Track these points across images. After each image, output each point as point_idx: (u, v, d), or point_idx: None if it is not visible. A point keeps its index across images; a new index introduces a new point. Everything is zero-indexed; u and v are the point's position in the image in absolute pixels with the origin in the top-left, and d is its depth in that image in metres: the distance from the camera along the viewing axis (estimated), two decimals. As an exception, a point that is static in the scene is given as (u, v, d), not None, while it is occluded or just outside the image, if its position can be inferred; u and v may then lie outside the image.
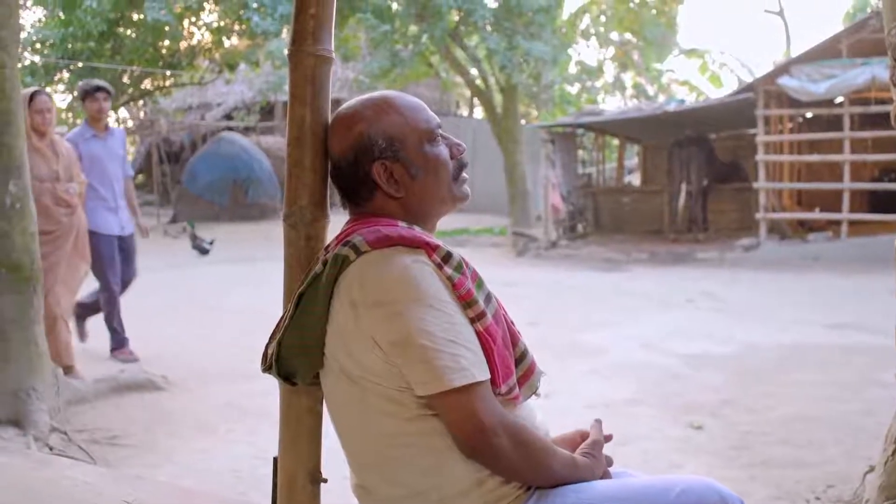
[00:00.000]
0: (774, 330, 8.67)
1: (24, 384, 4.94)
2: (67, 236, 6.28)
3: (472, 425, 1.72)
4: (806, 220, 16.81)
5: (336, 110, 2.02)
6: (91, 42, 19.85)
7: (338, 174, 1.99)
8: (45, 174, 6.09)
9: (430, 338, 1.72)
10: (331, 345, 1.85)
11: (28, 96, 5.60)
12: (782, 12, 34.25)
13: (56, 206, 6.17)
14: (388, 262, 1.78)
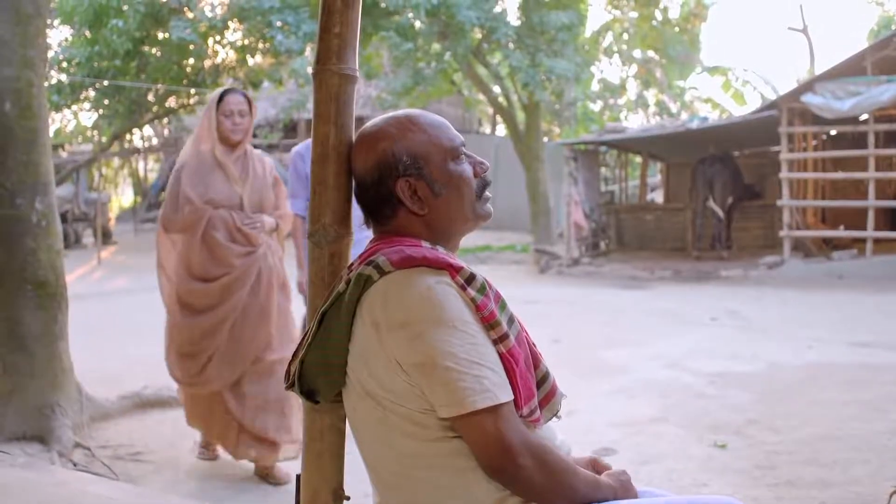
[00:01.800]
0: (799, 348, 8.60)
1: (48, 400, 4.98)
2: (241, 284, 4.72)
3: (495, 447, 1.72)
4: (830, 238, 16.69)
5: (360, 128, 2.03)
6: (117, 61, 20.02)
7: (362, 192, 1.99)
8: (223, 198, 4.72)
9: (453, 359, 1.72)
10: (353, 364, 1.85)
11: (217, 96, 4.76)
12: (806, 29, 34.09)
13: (230, 242, 4.70)
14: (412, 283, 1.78)
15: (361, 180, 1.98)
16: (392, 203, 1.94)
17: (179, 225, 4.70)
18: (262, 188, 4.88)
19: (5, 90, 4.94)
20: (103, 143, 24.40)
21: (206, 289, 4.71)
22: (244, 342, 4.71)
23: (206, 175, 4.71)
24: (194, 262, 4.71)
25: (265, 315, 4.78)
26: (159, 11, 19.39)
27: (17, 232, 4.97)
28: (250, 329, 4.73)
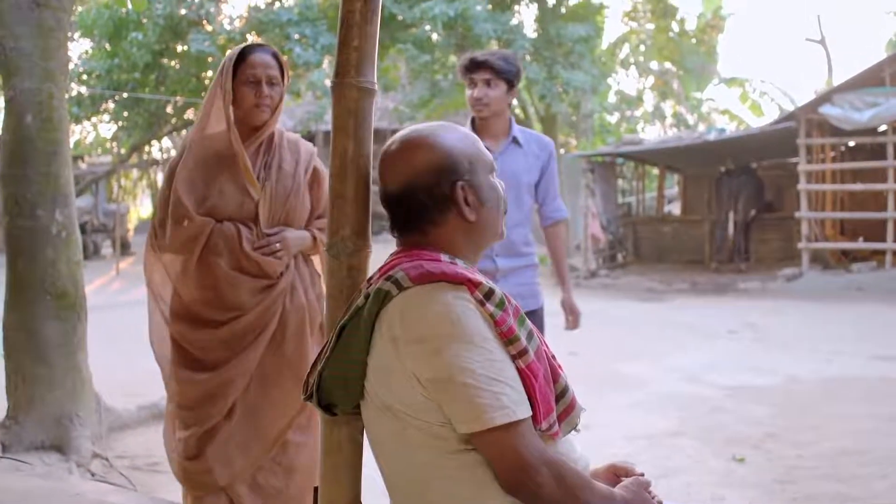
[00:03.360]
0: (818, 361, 8.55)
1: (67, 410, 5.00)
2: (256, 333, 3.32)
3: (513, 463, 1.72)
4: (849, 250, 16.59)
5: (403, 134, 2.01)
6: (136, 73, 20.19)
7: (409, 196, 1.93)
8: (230, 205, 3.30)
9: (472, 375, 1.71)
10: (371, 378, 1.85)
11: (234, 56, 3.30)
12: (824, 41, 33.98)
13: (239, 270, 3.29)
14: (430, 299, 1.78)
15: (412, 183, 1.92)
16: (443, 208, 1.92)
17: (169, 244, 3.33)
18: (291, 190, 3.40)
19: (27, 102, 4.98)
20: (122, 154, 24.57)
21: (207, 337, 3.34)
22: (263, 417, 3.33)
23: (210, 172, 3.31)
24: (190, 298, 3.35)
25: (293, 376, 3.32)
26: (178, 24, 19.54)
27: (37, 243, 5.00)
28: (272, 397, 3.34)
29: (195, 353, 3.35)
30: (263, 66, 3.30)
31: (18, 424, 4.91)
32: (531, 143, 4.30)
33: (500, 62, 4.10)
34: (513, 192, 3.91)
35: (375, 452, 1.94)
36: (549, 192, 4.33)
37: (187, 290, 3.35)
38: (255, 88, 3.28)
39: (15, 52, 4.98)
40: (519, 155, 4.21)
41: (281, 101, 3.38)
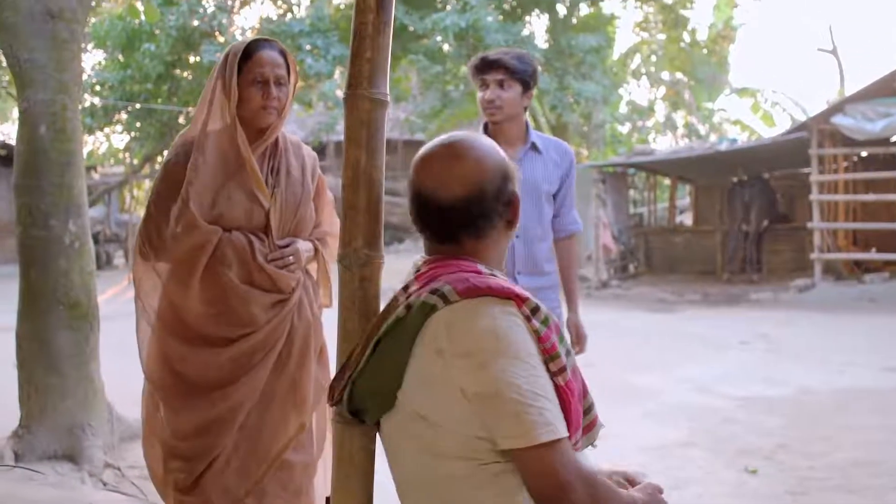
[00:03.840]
0: (830, 372, 8.52)
1: (79, 420, 5.01)
2: (265, 352, 3.10)
3: (552, 481, 1.71)
4: (862, 261, 16.54)
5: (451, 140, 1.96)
6: (149, 84, 20.29)
7: (468, 204, 1.89)
8: (240, 215, 3.08)
9: (518, 391, 1.71)
10: (408, 389, 1.83)
11: (239, 51, 3.06)
12: (835, 51, 33.97)
13: (250, 284, 3.07)
14: (478, 313, 1.77)
15: (475, 191, 1.89)
16: (498, 215, 1.91)
17: (168, 252, 3.07)
18: (301, 199, 3.22)
19: (41, 114, 5.01)
20: (135, 165, 24.67)
21: (210, 358, 3.07)
22: (264, 437, 3.11)
23: (216, 177, 3.06)
24: (192, 315, 3.07)
25: (297, 395, 3.16)
26: (191, 36, 19.64)
27: (50, 253, 5.02)
28: (274, 417, 3.13)
29: (192, 376, 3.07)
30: (272, 65, 3.07)
31: (31, 434, 4.92)
32: (550, 149, 3.97)
33: (514, 61, 3.78)
34: (532, 203, 3.75)
35: (395, 462, 1.93)
36: (566, 202, 4.03)
37: (189, 304, 3.06)
38: (262, 89, 3.05)
39: (29, 64, 5.01)
40: (538, 162, 3.90)
41: (288, 102, 3.15)
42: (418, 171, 1.94)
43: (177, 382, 3.08)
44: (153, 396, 3.18)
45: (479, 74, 3.82)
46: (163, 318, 3.13)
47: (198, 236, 2.98)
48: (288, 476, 3.14)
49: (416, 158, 1.95)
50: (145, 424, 3.25)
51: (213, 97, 3.08)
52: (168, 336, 3.10)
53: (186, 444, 3.06)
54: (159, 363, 3.12)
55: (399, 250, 26.67)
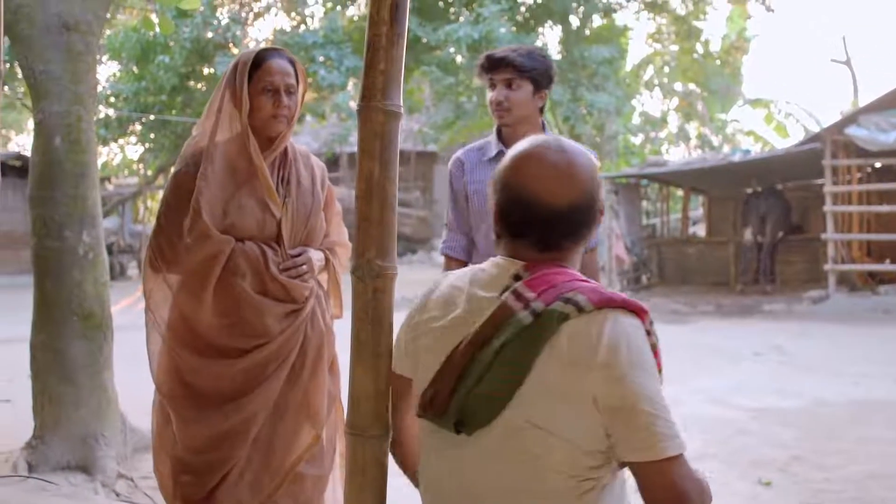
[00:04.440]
0: (845, 384, 8.48)
1: (92, 430, 5.02)
2: (279, 363, 3.07)
3: (673, 493, 1.72)
4: (876, 272, 16.47)
5: (560, 145, 1.92)
6: (163, 95, 20.39)
7: (581, 210, 1.88)
8: (252, 224, 3.06)
9: (651, 404, 1.71)
10: (526, 397, 1.76)
11: (249, 60, 3.08)
12: (849, 62, 33.87)
13: (263, 294, 3.05)
14: (615, 325, 1.75)
15: (585, 197, 1.88)
16: (594, 224, 1.92)
17: (180, 264, 3.05)
18: (311, 209, 3.21)
19: (56, 125, 5.03)
20: (149, 176, 24.78)
21: (223, 369, 3.04)
22: (277, 450, 3.08)
23: (227, 186, 3.04)
24: (205, 326, 3.04)
25: (310, 406, 3.14)
26: (205, 48, 19.73)
27: (64, 264, 5.04)
28: (287, 429, 3.10)
29: (205, 388, 3.04)
30: (282, 74, 3.07)
31: (45, 444, 4.93)
32: None
33: (523, 59, 3.51)
34: None
35: (478, 471, 1.84)
36: None
37: (201, 315, 3.02)
38: (273, 98, 3.05)
39: (44, 76, 5.05)
40: None
41: (297, 111, 3.15)
42: (524, 175, 1.86)
43: (188, 394, 3.05)
44: (164, 409, 3.14)
45: (486, 74, 3.57)
46: (174, 329, 3.09)
47: (211, 246, 2.96)
48: (300, 489, 3.11)
49: (518, 161, 1.89)
50: (155, 437, 3.22)
51: (222, 106, 3.08)
52: (180, 348, 3.07)
53: (199, 457, 3.02)
54: (170, 375, 3.09)
55: (412, 261, 26.69)
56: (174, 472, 3.10)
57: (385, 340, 2.08)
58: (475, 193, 3.56)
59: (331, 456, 3.24)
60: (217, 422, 3.01)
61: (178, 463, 3.08)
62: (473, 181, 3.58)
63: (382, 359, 2.07)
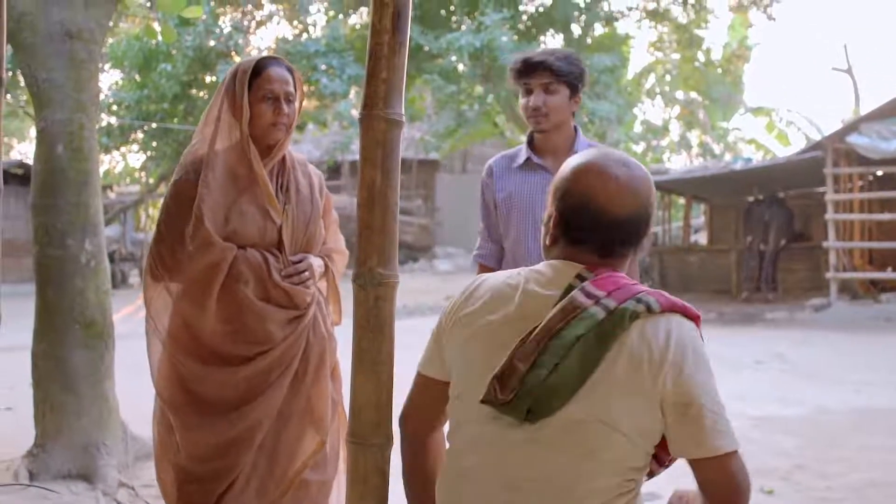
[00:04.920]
0: (847, 392, 8.47)
1: (93, 439, 5.01)
2: (283, 369, 3.07)
3: (734, 486, 1.81)
4: (878, 280, 16.46)
5: (622, 157, 2.00)
6: (165, 104, 20.41)
7: (641, 220, 1.97)
8: (254, 231, 3.07)
9: (714, 404, 1.80)
10: (591, 391, 1.80)
11: (249, 68, 3.09)
12: (850, 70, 33.92)
13: (265, 300, 3.05)
14: (680, 328, 1.85)
15: (645, 208, 1.97)
16: (646, 234, 2.01)
17: (183, 272, 3.04)
18: (311, 216, 3.21)
19: (58, 133, 5.04)
20: (150, 184, 24.80)
21: (226, 376, 3.03)
22: (281, 456, 3.08)
23: (228, 193, 3.05)
24: (208, 333, 3.03)
25: (313, 412, 3.14)
26: (207, 56, 19.77)
27: (66, 272, 5.04)
28: (291, 436, 3.10)
29: (208, 396, 3.03)
30: (281, 82, 3.10)
31: (46, 453, 4.93)
32: None
33: (561, 63, 3.38)
34: None
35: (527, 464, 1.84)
36: None
37: (204, 323, 3.01)
38: (272, 105, 3.07)
39: (47, 84, 5.06)
40: None
41: (295, 119, 3.18)
42: (592, 184, 1.93)
43: (190, 402, 3.04)
44: (165, 418, 3.12)
45: (521, 79, 3.42)
46: (175, 337, 3.08)
47: (214, 254, 2.96)
48: (304, 495, 3.11)
49: (583, 172, 1.96)
50: (157, 446, 3.20)
51: (221, 114, 3.09)
52: (183, 356, 3.05)
53: (204, 466, 3.01)
54: (172, 383, 3.08)
55: (413, 269, 26.69)
56: (178, 481, 3.08)
57: (386, 348, 2.08)
58: (502, 201, 3.50)
59: (334, 462, 3.22)
60: (222, 429, 3.00)
61: (183, 472, 3.06)
62: (501, 189, 3.52)
63: (384, 367, 2.07)
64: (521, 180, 3.46)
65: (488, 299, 1.95)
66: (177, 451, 3.07)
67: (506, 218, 3.48)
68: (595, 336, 1.81)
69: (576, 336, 1.81)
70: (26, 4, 5.04)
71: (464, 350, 1.95)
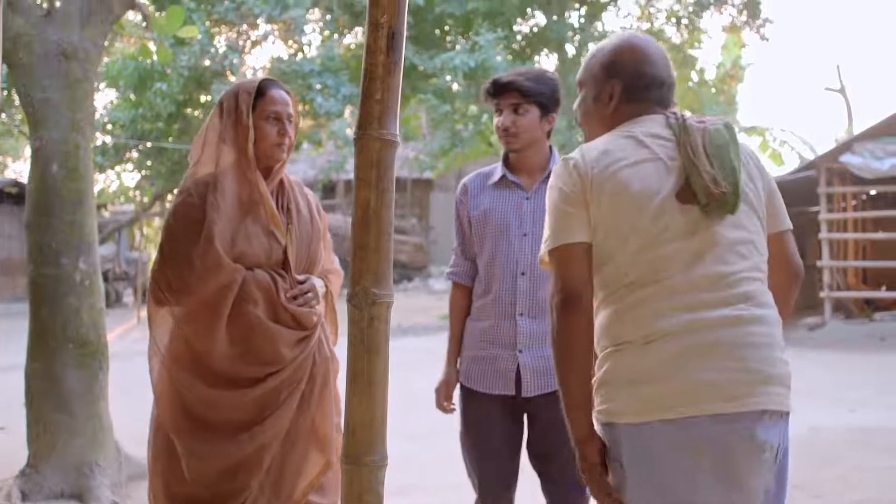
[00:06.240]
0: (841, 411, 8.46)
1: (87, 458, 5.00)
2: (291, 389, 3.05)
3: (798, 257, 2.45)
4: (872, 299, 16.48)
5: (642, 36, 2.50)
6: (160, 123, 20.43)
7: (672, 78, 2.46)
8: (260, 252, 3.06)
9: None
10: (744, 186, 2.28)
11: (253, 89, 3.11)
12: (843, 90, 34.04)
13: (274, 321, 3.03)
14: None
15: (671, 68, 2.49)
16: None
17: (191, 295, 2.99)
18: (312, 236, 3.23)
19: (53, 152, 5.05)
20: (145, 203, 24.78)
21: (236, 399, 3.00)
22: (287, 478, 3.05)
23: (232, 215, 3.03)
24: (217, 357, 2.99)
25: (318, 433, 3.12)
26: (202, 75, 19.79)
27: (60, 291, 5.04)
28: (298, 457, 3.06)
29: (216, 420, 3.00)
30: (283, 104, 3.14)
31: (39, 473, 4.91)
32: None
33: (529, 83, 3.41)
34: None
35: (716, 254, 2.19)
36: None
37: (215, 346, 2.97)
38: (276, 126, 3.10)
39: (43, 103, 5.07)
40: None
41: (294, 140, 3.22)
42: (638, 54, 2.38)
43: (194, 428, 3.00)
44: (166, 442, 3.07)
45: (492, 99, 3.47)
46: (179, 361, 3.04)
47: (224, 276, 2.94)
48: None
49: (628, 45, 2.40)
50: (152, 471, 3.15)
51: (223, 135, 3.09)
52: (189, 380, 3.02)
53: (211, 490, 2.98)
54: (175, 410, 3.04)
55: (408, 288, 26.66)
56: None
57: (381, 368, 2.08)
58: (477, 218, 3.49)
59: (337, 483, 3.04)
60: (231, 452, 2.97)
61: (186, 499, 3.02)
62: (475, 206, 3.52)
63: (378, 387, 2.07)
64: (496, 197, 3.48)
65: (618, 154, 2.21)
66: (179, 477, 3.01)
67: (480, 235, 3.48)
68: (735, 141, 2.24)
69: (737, 149, 2.24)
70: (22, 24, 5.06)
71: (619, 196, 2.15)
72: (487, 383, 3.38)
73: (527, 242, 3.36)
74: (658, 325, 2.09)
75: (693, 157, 2.16)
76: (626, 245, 2.12)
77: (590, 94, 2.41)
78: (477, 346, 3.41)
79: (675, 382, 2.05)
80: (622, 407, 2.08)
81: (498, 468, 3.39)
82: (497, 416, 3.38)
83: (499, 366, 3.35)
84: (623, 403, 2.08)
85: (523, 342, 3.33)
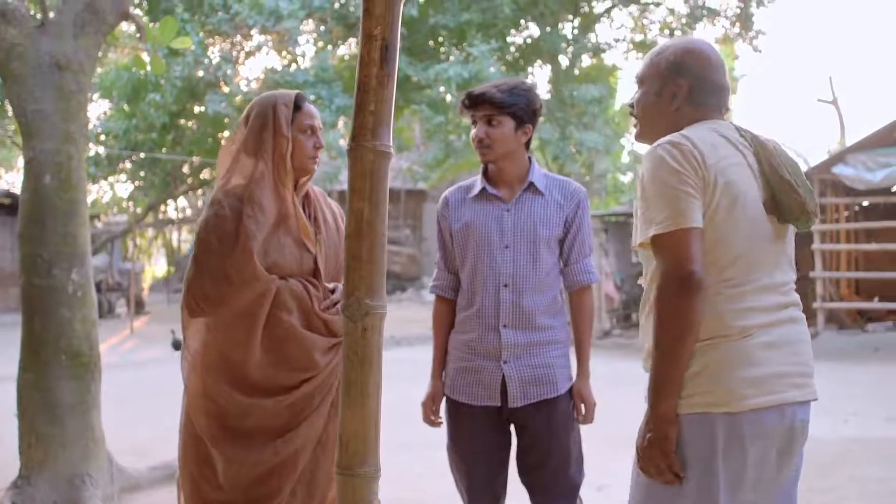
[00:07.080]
0: (835, 422, 8.46)
1: (79, 470, 4.99)
2: (324, 395, 3.13)
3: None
4: (865, 310, 16.51)
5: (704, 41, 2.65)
6: (153, 133, 20.43)
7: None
8: (292, 262, 3.13)
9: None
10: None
11: (290, 101, 3.20)
12: (836, 101, 34.15)
13: (308, 328, 3.10)
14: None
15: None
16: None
17: (227, 304, 3.02)
18: (337, 244, 3.29)
19: (46, 163, 5.05)
20: (138, 214, 24.77)
21: (271, 406, 3.05)
22: (319, 482, 3.13)
23: (265, 226, 3.07)
24: (253, 365, 3.05)
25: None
26: (196, 86, 19.81)
27: (53, 302, 5.03)
28: (329, 462, 3.07)
29: (250, 428, 3.04)
30: (316, 117, 3.26)
31: (30, 485, 4.89)
32: (554, 190, 3.50)
33: (502, 94, 3.40)
34: (527, 249, 3.39)
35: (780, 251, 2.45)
36: (573, 249, 3.52)
37: (250, 354, 3.02)
38: (312, 138, 3.20)
39: (35, 114, 5.06)
40: (537, 205, 3.44)
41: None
42: (702, 60, 2.47)
43: (229, 436, 3.05)
44: (197, 449, 3.10)
45: (467, 111, 3.49)
46: (214, 371, 3.09)
47: (260, 286, 3.00)
48: None
49: (693, 49, 2.50)
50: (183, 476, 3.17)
51: (257, 147, 3.12)
52: (226, 389, 3.06)
53: (245, 495, 3.04)
54: (209, 419, 3.08)
55: (401, 299, 26.66)
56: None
57: (374, 379, 2.08)
58: (458, 231, 3.51)
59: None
60: (267, 458, 3.03)
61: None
62: (457, 219, 3.52)
63: (371, 398, 2.07)
64: (477, 210, 3.48)
65: (719, 152, 2.30)
66: (214, 484, 3.07)
67: (462, 248, 3.49)
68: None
69: (795, 163, 2.42)
70: (16, 35, 5.06)
71: (726, 189, 2.27)
72: (472, 395, 3.40)
73: (509, 254, 3.39)
74: (755, 320, 2.26)
75: (781, 173, 2.35)
76: (729, 243, 2.25)
77: (652, 89, 2.50)
78: (461, 358, 3.44)
79: (765, 374, 2.25)
80: (721, 398, 2.22)
81: (485, 479, 3.42)
82: (483, 427, 3.42)
83: (483, 377, 3.38)
84: (722, 395, 2.22)
85: (508, 353, 3.36)
